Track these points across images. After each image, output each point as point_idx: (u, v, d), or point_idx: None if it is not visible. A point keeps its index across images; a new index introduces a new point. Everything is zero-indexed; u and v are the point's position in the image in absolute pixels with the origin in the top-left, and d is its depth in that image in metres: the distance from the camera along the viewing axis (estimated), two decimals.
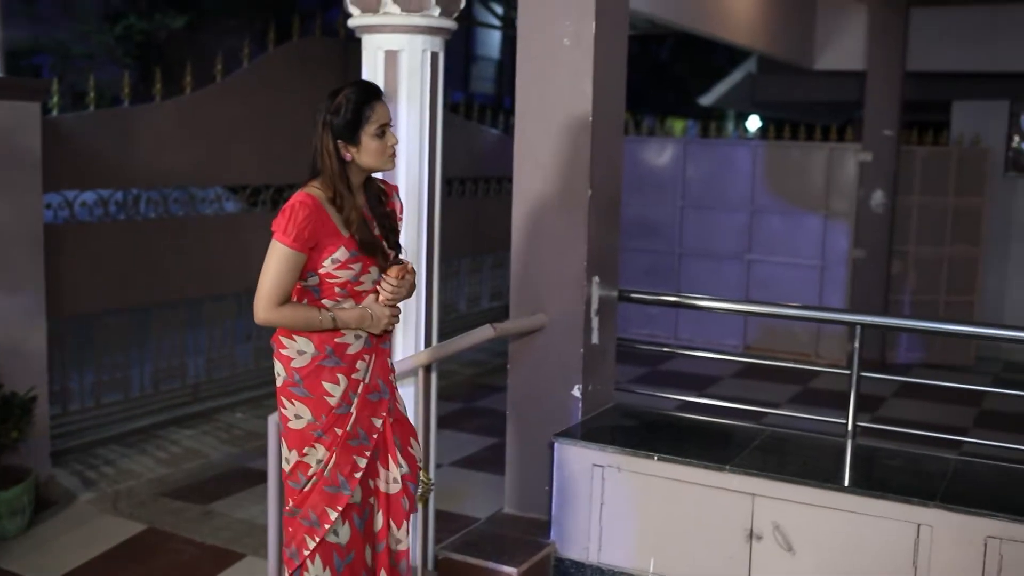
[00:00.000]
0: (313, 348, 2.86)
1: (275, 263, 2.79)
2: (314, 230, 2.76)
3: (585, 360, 3.85)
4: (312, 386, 2.86)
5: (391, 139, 2.86)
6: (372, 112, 2.82)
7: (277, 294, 2.80)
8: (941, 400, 7.55)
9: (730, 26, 7.69)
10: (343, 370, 2.88)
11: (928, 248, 9.32)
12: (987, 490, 3.32)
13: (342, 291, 2.87)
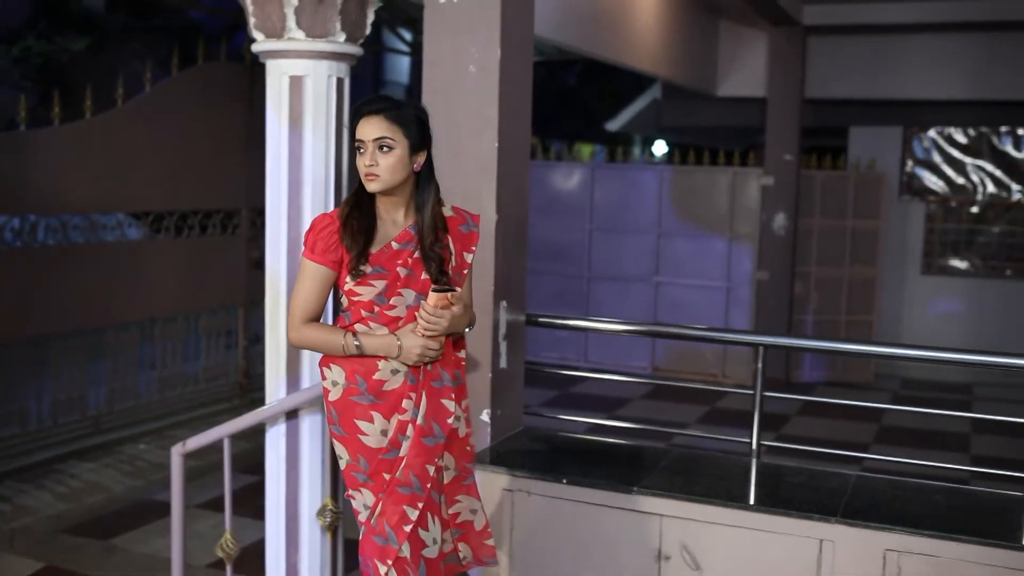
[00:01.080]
0: (344, 379, 2.70)
1: (301, 279, 2.72)
2: (333, 242, 2.68)
3: (493, 385, 3.85)
4: (345, 423, 2.70)
5: (367, 158, 2.69)
6: (356, 128, 2.73)
7: (303, 312, 2.70)
8: (843, 417, 7.76)
9: (634, 53, 7.82)
10: (381, 408, 2.69)
11: (828, 269, 9.58)
12: (885, 504, 3.41)
13: (370, 314, 2.70)
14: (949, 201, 10.23)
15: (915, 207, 10.30)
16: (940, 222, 10.25)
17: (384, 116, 2.69)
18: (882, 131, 10.39)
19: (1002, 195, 10.10)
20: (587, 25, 6.98)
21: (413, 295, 2.71)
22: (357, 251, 2.68)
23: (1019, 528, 3.25)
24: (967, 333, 9.95)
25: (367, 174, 2.69)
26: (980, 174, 10.15)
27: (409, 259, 2.73)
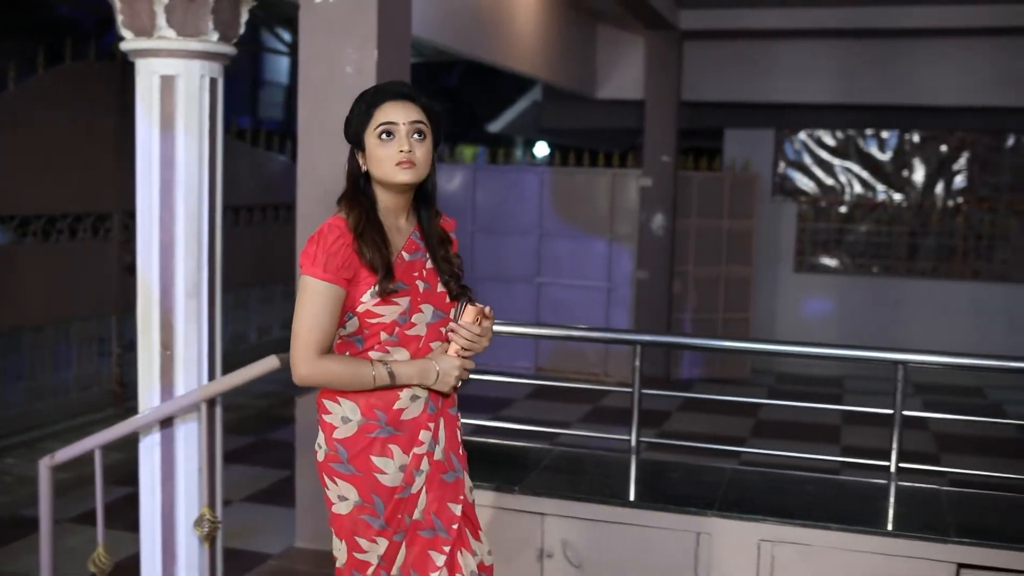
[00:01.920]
0: (360, 414, 2.33)
1: (308, 303, 2.28)
2: (348, 257, 2.28)
3: None
4: (359, 461, 2.34)
5: (401, 143, 2.32)
6: (377, 111, 2.34)
7: (316, 341, 2.27)
8: (721, 412, 7.94)
9: (514, 55, 7.87)
10: (399, 441, 2.35)
11: (706, 268, 9.79)
12: (759, 496, 3.51)
13: (390, 336, 2.34)
14: (819, 201, 10.59)
15: (787, 207, 10.62)
16: (811, 222, 10.61)
17: (416, 103, 2.38)
18: (755, 133, 10.69)
19: (868, 195, 10.50)
20: (467, 27, 6.99)
21: (431, 310, 2.39)
22: (385, 265, 2.30)
23: (884, 514, 3.38)
24: (837, 328, 10.32)
25: (403, 161, 2.32)
26: (848, 175, 10.53)
27: (423, 270, 2.40)
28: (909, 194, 10.39)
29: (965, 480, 5.40)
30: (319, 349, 2.28)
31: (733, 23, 9.23)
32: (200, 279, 3.64)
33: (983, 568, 3.10)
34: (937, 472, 5.42)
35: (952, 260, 10.31)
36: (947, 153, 10.26)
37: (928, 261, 10.37)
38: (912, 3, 8.61)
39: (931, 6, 8.60)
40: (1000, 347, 9.51)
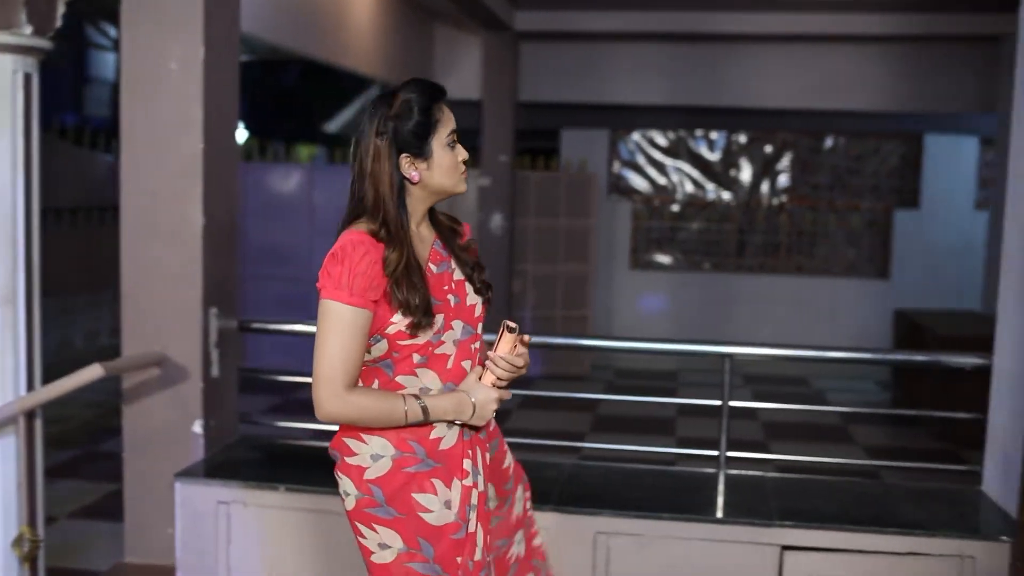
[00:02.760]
0: (392, 448, 2.10)
1: (334, 332, 2.03)
2: (375, 276, 2.05)
3: (206, 395, 3.72)
4: (399, 502, 2.10)
5: (462, 152, 2.20)
6: (442, 115, 2.16)
7: (343, 373, 2.02)
8: (561, 409, 8.06)
9: (351, 54, 7.79)
10: (440, 474, 2.13)
11: (544, 267, 9.92)
12: (596, 490, 3.58)
13: (422, 359, 2.13)
14: (652, 200, 10.88)
15: (622, 206, 10.87)
16: (645, 220, 10.89)
17: None
18: (591, 134, 10.90)
19: (699, 194, 10.85)
20: (301, 25, 6.88)
21: (461, 327, 2.19)
22: (424, 296, 2.08)
23: (714, 502, 3.50)
24: (672, 323, 10.63)
25: (465, 171, 2.22)
26: (679, 175, 10.85)
27: (452, 283, 2.21)
28: (737, 193, 10.79)
29: (790, 466, 5.65)
30: (347, 383, 2.04)
31: (568, 25, 9.37)
32: (16, 285, 3.45)
33: (805, 549, 3.24)
34: (765, 459, 5.64)
35: (777, 256, 10.77)
36: (771, 153, 10.70)
37: (755, 257, 10.80)
38: (738, 10, 8.94)
39: (756, 13, 8.95)
40: (822, 338, 10.00)
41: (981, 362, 3.57)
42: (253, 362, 9.37)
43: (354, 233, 2.09)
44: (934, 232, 10.57)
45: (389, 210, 2.11)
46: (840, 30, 8.93)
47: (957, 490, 3.66)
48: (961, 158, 10.64)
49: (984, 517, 3.37)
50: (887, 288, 10.56)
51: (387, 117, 2.13)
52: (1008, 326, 3.34)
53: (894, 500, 3.55)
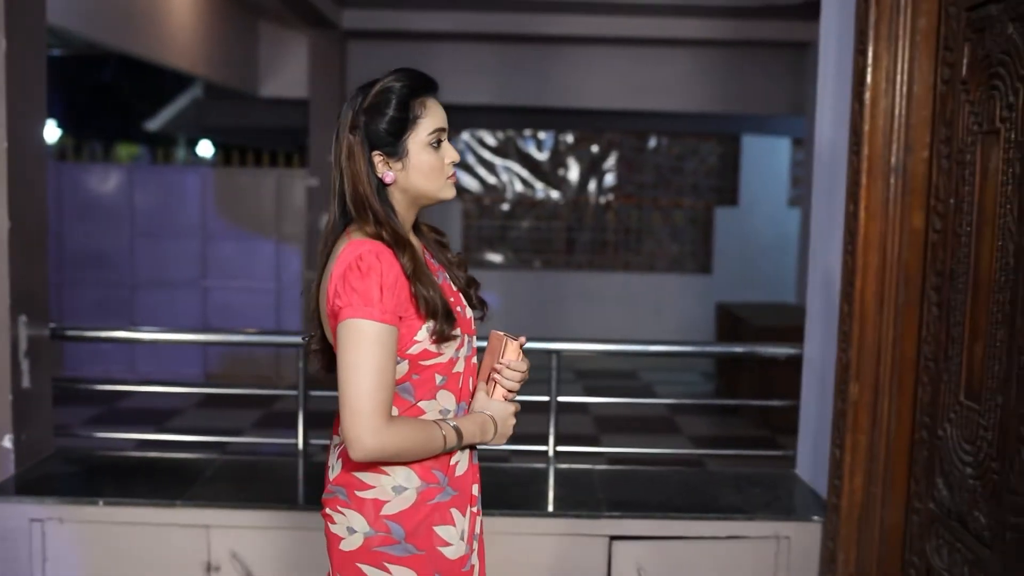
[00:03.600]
0: (418, 479, 1.88)
1: (369, 355, 1.77)
2: (402, 291, 1.82)
3: (16, 408, 3.53)
4: (421, 537, 1.89)
5: (450, 153, 1.95)
6: (425, 111, 1.92)
7: (383, 403, 1.78)
8: None
9: (170, 50, 7.54)
10: (458, 503, 1.94)
11: None
12: None
13: (442, 379, 1.93)
14: (483, 199, 10.96)
15: (453, 205, 10.92)
16: (475, 219, 10.97)
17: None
18: None
19: (528, 193, 11.00)
20: (118, 19, 6.61)
21: (467, 342, 2.00)
22: (442, 297, 1.88)
23: (544, 496, 3.55)
24: (504, 321, 10.72)
25: (454, 174, 1.99)
26: (509, 174, 10.98)
27: (452, 296, 2.01)
28: (565, 192, 10.99)
29: (620, 458, 5.79)
30: (386, 413, 1.78)
31: (396, 24, 9.34)
32: None
33: (632, 538, 3.33)
34: (594, 452, 5.76)
35: (605, 253, 11.03)
36: (597, 153, 10.95)
37: (584, 254, 11.03)
38: (565, 12, 9.11)
39: (581, 16, 9.14)
40: (649, 332, 10.30)
41: (793, 352, 3.75)
42: (73, 371, 8.96)
43: (367, 242, 1.83)
44: (752, 228, 11.05)
45: (377, 211, 1.89)
46: (661, 34, 9.22)
47: (773, 474, 3.83)
48: (775, 158, 11.16)
49: (798, 499, 3.54)
50: (709, 282, 10.97)
51: (361, 109, 1.90)
52: (815, 317, 3.52)
53: (715, 487, 3.68)
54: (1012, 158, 2.42)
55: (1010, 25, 2.44)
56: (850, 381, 3.05)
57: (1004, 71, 2.47)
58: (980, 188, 2.59)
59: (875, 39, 2.91)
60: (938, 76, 2.84)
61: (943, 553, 2.75)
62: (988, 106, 2.55)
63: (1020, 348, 2.36)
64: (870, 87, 2.92)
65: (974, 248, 2.61)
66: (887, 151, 2.92)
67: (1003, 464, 2.43)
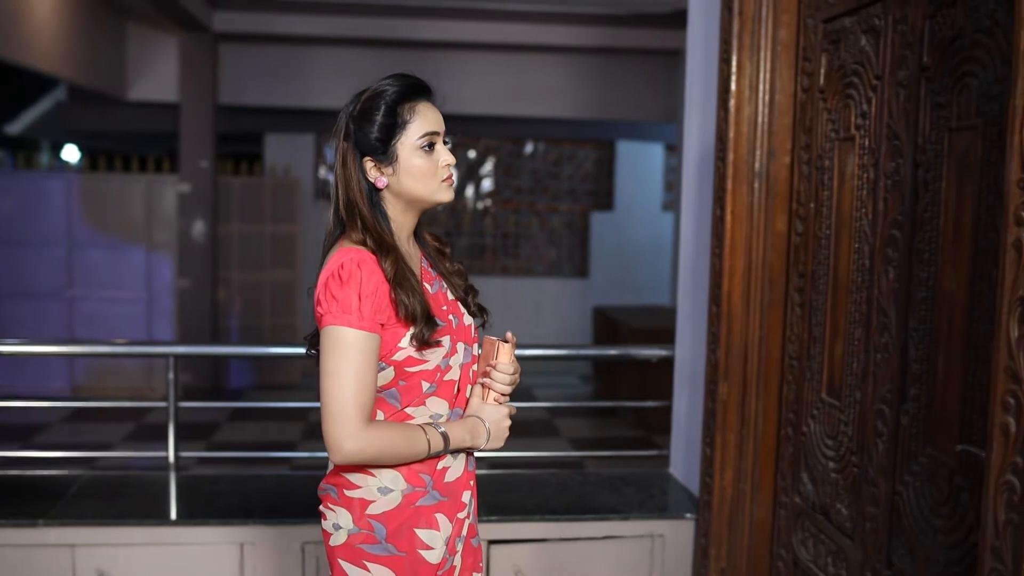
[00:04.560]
0: (403, 482, 1.91)
1: (348, 361, 1.79)
2: (383, 298, 1.84)
3: None
4: (402, 539, 1.91)
5: (444, 156, 1.96)
6: (414, 115, 1.94)
7: (361, 407, 1.80)
8: (272, 419, 7.89)
9: (30, 51, 7.25)
10: (445, 508, 1.96)
11: (250, 274, 9.68)
12: (301, 500, 3.52)
13: (431, 386, 1.93)
14: None
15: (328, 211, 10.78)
16: None
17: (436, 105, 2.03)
18: (296, 138, 10.74)
19: None
20: None
21: (463, 349, 2.00)
22: (424, 302, 1.88)
23: None
24: None
25: (450, 177, 1.97)
26: None
27: (447, 303, 2.03)
28: None
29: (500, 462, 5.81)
30: (364, 418, 1.81)
31: (269, 28, 9.19)
32: None
33: (510, 541, 3.34)
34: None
35: (483, 258, 11.07)
36: (475, 159, 10.99)
37: (463, 259, 10.97)
38: (440, 18, 9.11)
39: (457, 21, 9.15)
40: (528, 336, 10.33)
41: (665, 353, 3.83)
42: None
43: (351, 250, 1.86)
44: (627, 232, 11.24)
45: (366, 216, 1.91)
46: (536, 41, 9.31)
47: (648, 474, 3.90)
48: (649, 163, 11.38)
49: (672, 497, 3.62)
50: (586, 286, 11.12)
51: (351, 116, 1.95)
52: (686, 319, 3.60)
53: (592, 488, 3.73)
54: (866, 164, 2.53)
55: (863, 37, 2.55)
56: (719, 381, 3.13)
57: (858, 80, 2.57)
58: (838, 192, 2.69)
59: (738, 49, 2.99)
60: (798, 85, 2.94)
61: (808, 545, 2.85)
62: (844, 114, 2.65)
63: (876, 346, 2.46)
64: (734, 95, 3.00)
65: (833, 250, 2.71)
66: (751, 157, 3.01)
67: (862, 458, 2.53)
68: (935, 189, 2.22)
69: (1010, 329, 1.69)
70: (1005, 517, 1.71)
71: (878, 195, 2.46)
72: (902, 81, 2.36)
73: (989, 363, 1.79)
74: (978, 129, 2.06)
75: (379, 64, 10.07)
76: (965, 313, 2.11)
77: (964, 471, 2.10)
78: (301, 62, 10.06)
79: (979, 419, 2.04)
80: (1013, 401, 1.69)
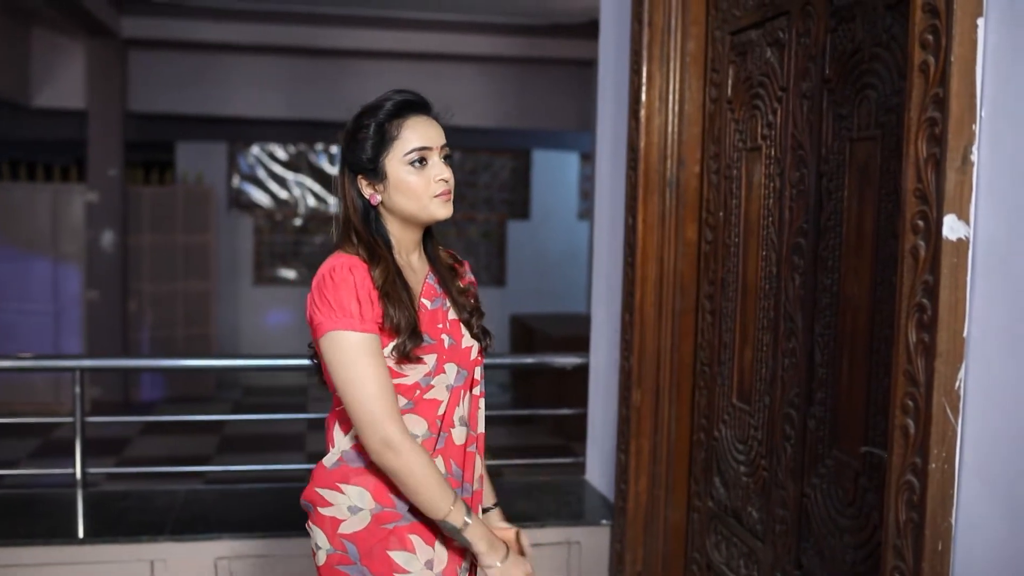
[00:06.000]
0: (372, 501, 1.86)
1: (359, 363, 1.78)
2: (374, 301, 1.81)
3: None
4: (376, 562, 1.85)
5: (438, 170, 1.92)
6: (402, 130, 1.91)
7: (390, 407, 1.79)
8: (186, 432, 7.74)
9: None
10: (424, 531, 1.87)
11: (162, 285, 9.50)
12: (214, 514, 3.46)
13: (409, 402, 1.88)
14: (275, 214, 10.74)
15: (244, 220, 10.64)
16: (268, 234, 10.73)
17: (435, 118, 2.01)
18: (208, 147, 10.58)
19: (321, 208, 10.85)
20: None
21: (455, 371, 1.94)
22: (411, 326, 1.85)
23: None
24: (299, 338, 10.54)
25: (443, 192, 1.92)
26: (302, 189, 10.80)
27: (447, 322, 1.97)
28: None
29: None
30: (395, 416, 1.80)
31: (180, 34, 9.04)
32: None
33: None
34: None
35: None
36: None
37: None
38: (356, 26, 9.06)
39: (372, 30, 9.11)
40: None
41: (580, 361, 3.86)
42: None
43: (340, 256, 1.86)
44: (544, 241, 11.30)
45: (360, 231, 1.92)
46: (453, 50, 9.32)
47: (565, 481, 3.92)
48: (565, 172, 11.47)
49: (588, 504, 3.64)
50: (504, 295, 11.14)
51: (345, 135, 1.96)
52: (600, 327, 3.63)
53: (509, 496, 3.73)
54: (772, 173, 2.58)
55: (768, 49, 2.61)
56: (632, 388, 3.17)
57: (764, 92, 2.63)
58: (746, 201, 2.74)
59: (648, 60, 3.04)
60: (707, 96, 3.00)
61: (721, 548, 2.89)
62: (751, 124, 2.71)
63: (784, 351, 2.52)
64: (644, 105, 3.04)
65: (742, 258, 2.77)
66: (662, 166, 3.05)
67: (772, 461, 2.58)
68: (838, 198, 2.28)
69: (908, 334, 1.74)
70: (906, 516, 1.76)
71: (784, 204, 2.52)
72: (806, 93, 2.42)
73: (890, 367, 1.84)
74: (877, 139, 2.12)
75: (293, 72, 10.00)
76: (867, 318, 2.17)
77: (868, 472, 2.16)
78: (214, 69, 9.91)
79: (882, 421, 2.09)
80: (912, 403, 1.74)
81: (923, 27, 1.70)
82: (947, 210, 1.65)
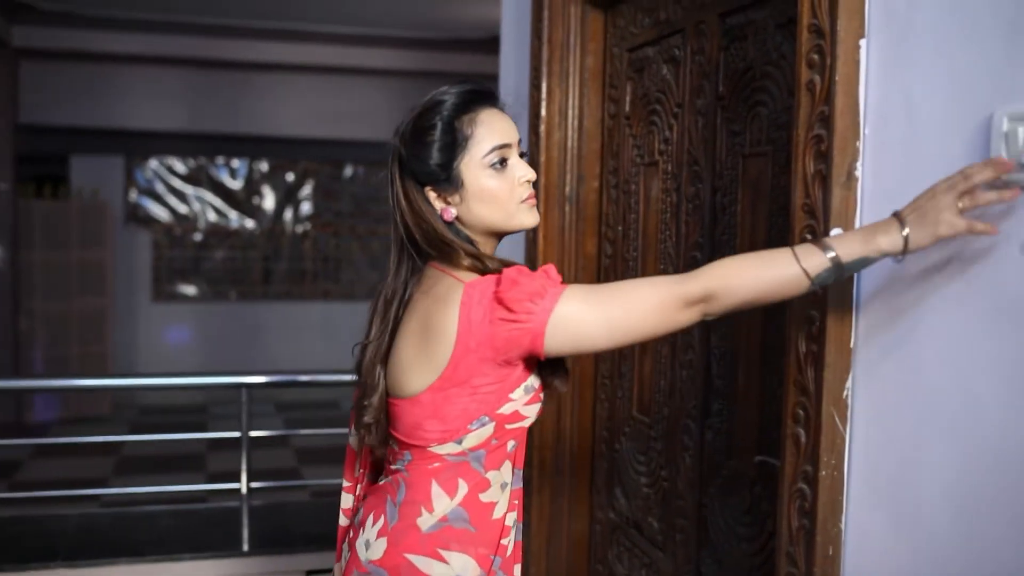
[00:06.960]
0: (476, 567, 1.60)
1: (603, 298, 1.50)
2: None
3: None
4: None
5: (522, 170, 1.61)
6: (475, 127, 1.59)
7: (660, 278, 1.52)
8: (81, 454, 7.52)
9: None
10: None
11: (55, 303, 9.22)
12: (108, 538, 3.38)
13: (515, 444, 1.65)
14: (174, 229, 10.51)
15: (141, 236, 10.37)
16: (167, 250, 10.48)
17: (502, 109, 1.67)
18: (104, 160, 10.29)
19: (222, 222, 10.66)
20: None
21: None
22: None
23: (239, 535, 3.45)
24: (200, 355, 10.32)
25: (532, 196, 1.64)
26: (202, 203, 10.59)
27: None
28: (261, 220, 10.74)
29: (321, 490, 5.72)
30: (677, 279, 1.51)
31: (75, 44, 8.82)
32: None
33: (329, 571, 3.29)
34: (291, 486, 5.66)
35: (303, 282, 10.87)
36: (293, 181, 10.80)
37: (282, 284, 10.82)
38: (255, 39, 8.95)
39: (272, 43, 9.02)
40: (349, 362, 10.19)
41: None
42: None
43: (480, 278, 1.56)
44: None
45: (456, 244, 1.61)
46: (354, 63, 9.28)
47: None
48: None
49: None
50: None
51: (402, 138, 1.65)
52: None
53: None
54: (669, 188, 2.63)
55: (664, 67, 2.66)
56: None
57: (661, 108, 2.68)
58: (644, 216, 2.79)
59: (548, 75, 3.06)
60: (605, 111, 3.04)
61: (623, 559, 2.92)
62: (648, 140, 2.75)
63: (681, 363, 2.56)
64: (544, 120, 3.07)
65: (640, 271, 2.81)
66: (562, 181, 3.08)
67: (671, 472, 2.62)
68: (732, 212, 2.33)
69: (799, 345, 1.79)
70: (798, 523, 1.80)
71: (680, 218, 2.56)
72: (700, 109, 2.47)
73: (783, 377, 1.89)
74: (768, 155, 2.18)
75: (192, 84, 9.84)
76: (761, 330, 2.22)
77: (763, 481, 2.21)
78: (110, 81, 9.68)
79: (775, 431, 2.14)
80: (803, 413, 1.78)
81: (809, 47, 1.75)
82: (833, 224, 1.70)
